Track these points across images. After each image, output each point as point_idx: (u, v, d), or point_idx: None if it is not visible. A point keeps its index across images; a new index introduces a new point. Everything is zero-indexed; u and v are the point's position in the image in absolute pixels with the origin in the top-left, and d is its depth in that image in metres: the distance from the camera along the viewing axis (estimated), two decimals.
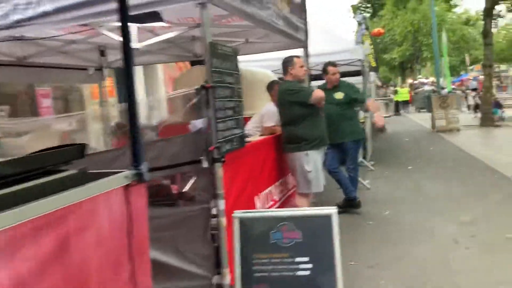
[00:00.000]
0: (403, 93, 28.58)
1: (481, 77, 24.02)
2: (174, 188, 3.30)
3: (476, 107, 18.55)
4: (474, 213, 5.24)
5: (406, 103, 28.26)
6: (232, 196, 3.10)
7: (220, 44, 3.02)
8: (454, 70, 52.41)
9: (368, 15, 16.35)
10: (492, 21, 15.62)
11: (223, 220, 2.85)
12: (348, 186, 5.64)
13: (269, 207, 4.03)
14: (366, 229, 4.98)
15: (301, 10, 4.96)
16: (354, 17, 15.60)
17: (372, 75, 22.22)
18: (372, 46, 25.43)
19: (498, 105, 16.99)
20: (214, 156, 2.75)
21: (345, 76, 12.63)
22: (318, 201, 4.71)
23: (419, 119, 19.71)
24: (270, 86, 5.16)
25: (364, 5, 14.87)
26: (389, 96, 28.76)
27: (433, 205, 5.72)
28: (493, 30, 47.84)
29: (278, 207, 4.29)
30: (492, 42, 15.04)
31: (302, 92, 4.41)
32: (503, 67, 59.72)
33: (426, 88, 27.64)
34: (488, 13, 14.70)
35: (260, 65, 6.88)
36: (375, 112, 5.68)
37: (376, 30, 25.67)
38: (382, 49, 34.66)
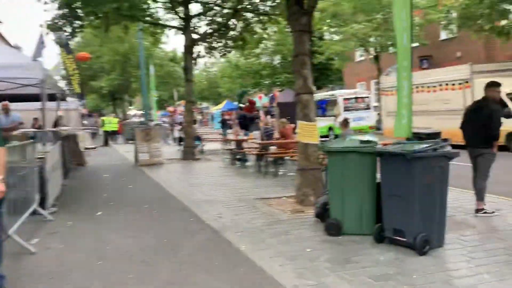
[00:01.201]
0: (113, 123, 27.39)
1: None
2: None
3: (181, 140, 18.96)
4: (160, 280, 4.12)
5: (115, 133, 27.17)
6: None
7: None
8: (163, 104, 55.35)
9: (66, 34, 14.55)
10: (193, 60, 16.17)
11: None
12: None
13: None
14: None
15: None
16: (48, 34, 13.37)
17: (75, 102, 20.11)
18: (77, 71, 23.24)
19: (199, 139, 17.73)
20: None
21: (16, 100, 10.38)
22: None
23: (126, 151, 18.66)
24: None
25: (60, 22, 13.02)
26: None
27: (117, 273, 4.34)
28: (196, 70, 52.53)
29: None
30: (193, 79, 15.53)
31: None
32: (205, 104, 67.42)
33: (135, 119, 27.26)
34: (188, 51, 15.11)
35: None
36: None
37: (81, 54, 23.75)
38: (91, 76, 32.79)
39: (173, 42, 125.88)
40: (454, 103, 15.55)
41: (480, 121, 5.98)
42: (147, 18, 15.41)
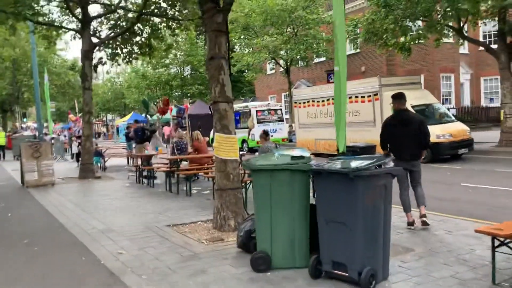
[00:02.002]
0: (1, 137, 24.17)
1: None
2: None
3: (79, 156, 16.90)
4: None
5: (2, 148, 23.94)
6: None
7: None
8: (64, 116, 50.98)
9: None
10: (92, 67, 14.51)
11: None
12: None
13: None
14: None
15: None
16: None
17: None
18: None
19: (100, 154, 15.94)
20: None
21: None
22: None
23: (14, 169, 16.16)
24: None
25: None
26: None
27: None
28: (99, 79, 49.27)
29: None
30: (91, 87, 13.85)
31: None
32: (109, 116, 63.56)
33: (27, 133, 24.26)
34: (86, 56, 13.46)
35: None
36: None
37: None
38: None
39: (74, 50, 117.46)
40: (364, 115, 15.80)
41: (411, 133, 5.65)
42: (39, 19, 13.48)
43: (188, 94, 40.61)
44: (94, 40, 14.07)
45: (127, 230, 6.23)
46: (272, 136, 22.42)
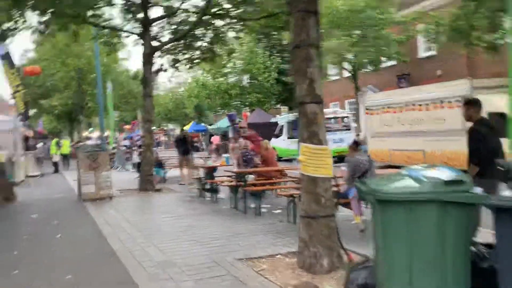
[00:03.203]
0: (65, 147, 24.38)
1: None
2: None
3: (139, 166, 16.22)
4: None
5: (67, 158, 24.12)
6: None
7: None
8: (128, 125, 52.04)
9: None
10: (153, 72, 13.79)
11: None
12: None
13: None
14: None
15: None
16: None
17: (15, 121, 17.14)
18: (21, 88, 20.20)
19: (160, 165, 15.11)
20: None
21: None
22: None
23: (75, 180, 15.71)
24: None
25: None
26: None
27: None
28: (161, 91, 49.76)
29: None
30: (152, 94, 13.04)
31: None
32: (171, 126, 64.40)
33: (90, 142, 24.28)
34: (147, 60, 12.68)
35: None
36: None
37: (30, 68, 20.80)
38: (42, 94, 29.55)
39: (136, 61, 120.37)
40: (450, 123, 13.75)
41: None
42: (100, 22, 12.91)
43: (247, 103, 39.75)
44: (155, 44, 13.29)
45: (191, 264, 4.97)
46: (338, 146, 20.94)
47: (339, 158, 21.24)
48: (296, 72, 4.82)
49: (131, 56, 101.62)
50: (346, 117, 21.17)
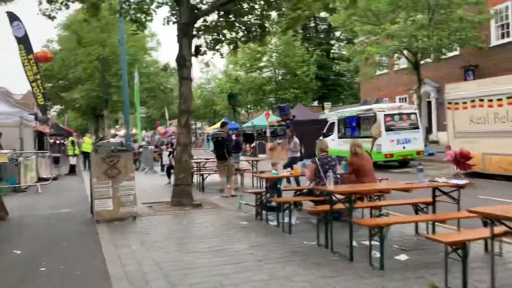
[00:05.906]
0: (86, 144, 21.72)
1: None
2: None
3: (170, 169, 13.18)
4: None
5: (89, 156, 21.44)
6: None
7: None
8: (154, 125, 49.56)
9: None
10: (192, 52, 10.75)
11: None
12: None
13: None
14: None
15: None
16: None
17: (22, 115, 14.37)
18: (38, 77, 17.42)
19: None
20: None
21: None
22: None
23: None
24: None
25: None
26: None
27: None
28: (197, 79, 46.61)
29: None
30: (190, 76, 9.96)
31: None
32: (199, 124, 61.64)
33: (113, 140, 21.48)
34: (185, 31, 9.60)
35: None
36: None
37: (40, 52, 18.12)
38: (63, 87, 27.03)
39: (165, 53, 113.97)
40: None
41: None
42: None
43: (282, 99, 36.52)
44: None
45: None
46: (404, 148, 17.41)
47: (400, 163, 17.88)
48: None
49: (160, 45, 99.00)
50: (414, 113, 17.53)
